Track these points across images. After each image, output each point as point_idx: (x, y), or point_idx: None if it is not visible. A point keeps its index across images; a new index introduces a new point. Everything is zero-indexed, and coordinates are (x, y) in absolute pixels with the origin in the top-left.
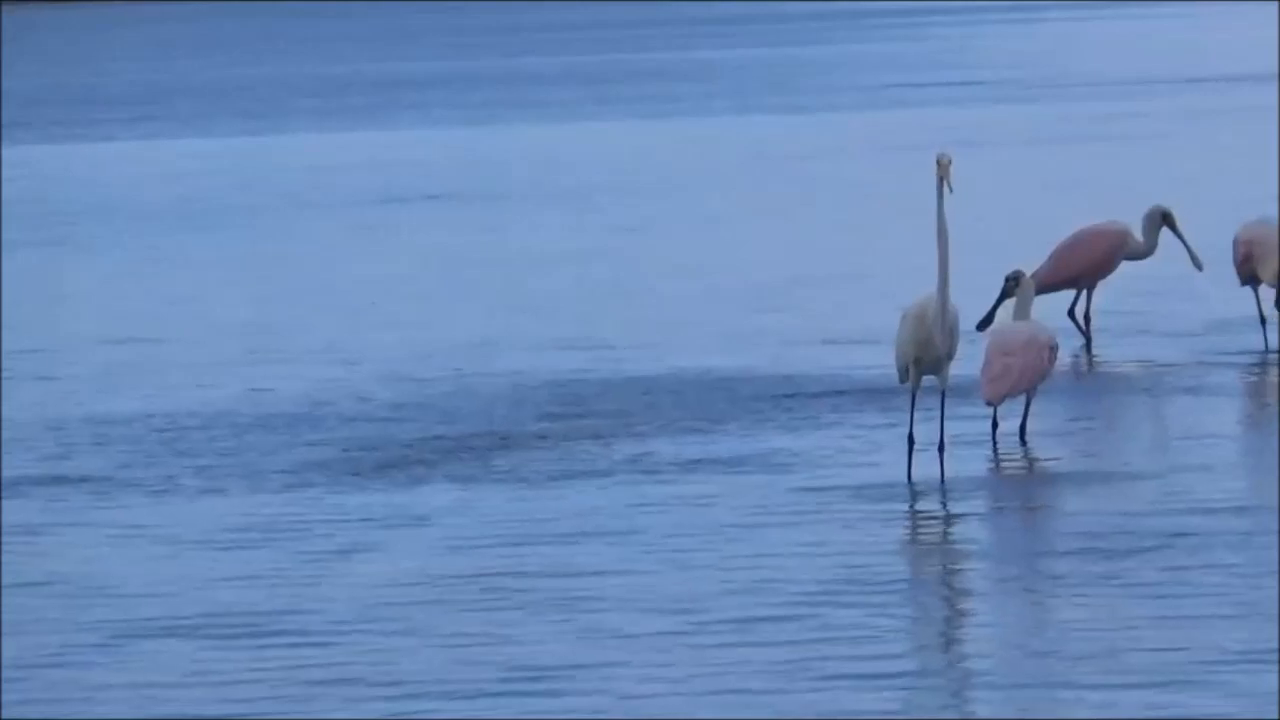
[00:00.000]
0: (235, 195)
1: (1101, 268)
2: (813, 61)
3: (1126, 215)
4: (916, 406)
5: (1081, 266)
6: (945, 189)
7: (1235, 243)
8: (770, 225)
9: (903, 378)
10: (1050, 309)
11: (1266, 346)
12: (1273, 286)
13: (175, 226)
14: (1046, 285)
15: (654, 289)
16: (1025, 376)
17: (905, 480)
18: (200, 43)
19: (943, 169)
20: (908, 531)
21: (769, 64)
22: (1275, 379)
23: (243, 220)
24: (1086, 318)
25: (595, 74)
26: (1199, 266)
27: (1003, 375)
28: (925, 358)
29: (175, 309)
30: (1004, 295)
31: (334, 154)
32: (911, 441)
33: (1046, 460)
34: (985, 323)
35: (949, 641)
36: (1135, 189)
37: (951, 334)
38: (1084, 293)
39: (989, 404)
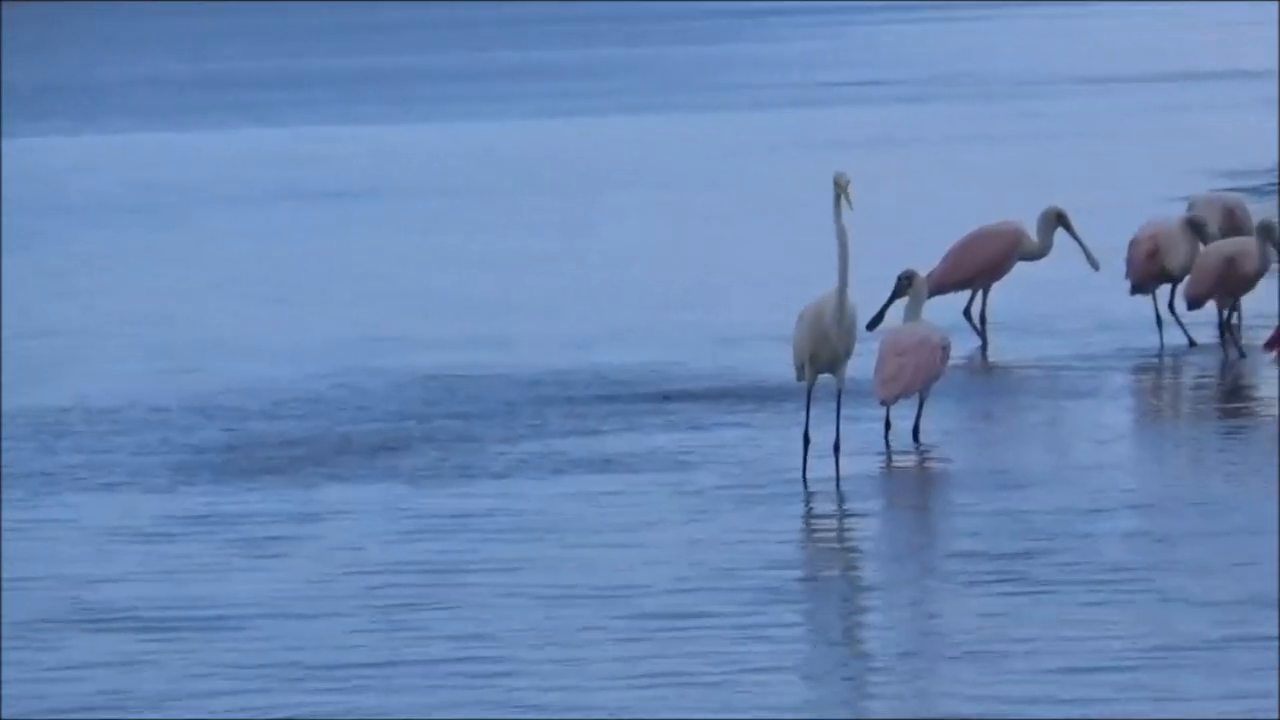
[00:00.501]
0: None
1: (996, 268)
2: (727, 59)
3: (1030, 215)
4: (813, 406)
5: (976, 267)
6: (844, 206)
7: (1134, 243)
8: (676, 224)
9: (800, 376)
10: (944, 310)
11: (1161, 348)
12: (1180, 277)
13: (79, 223)
14: (942, 286)
15: (552, 287)
16: (918, 376)
17: (800, 480)
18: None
19: (840, 188)
20: (803, 531)
21: (681, 62)
22: (1168, 380)
23: (139, 216)
24: (982, 318)
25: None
26: (1095, 266)
27: (896, 375)
28: (822, 355)
29: (66, 304)
30: (895, 294)
31: (234, 150)
32: (807, 440)
33: (939, 460)
34: (875, 322)
35: (843, 641)
36: (1042, 188)
37: (849, 333)
38: (979, 293)
39: (883, 404)
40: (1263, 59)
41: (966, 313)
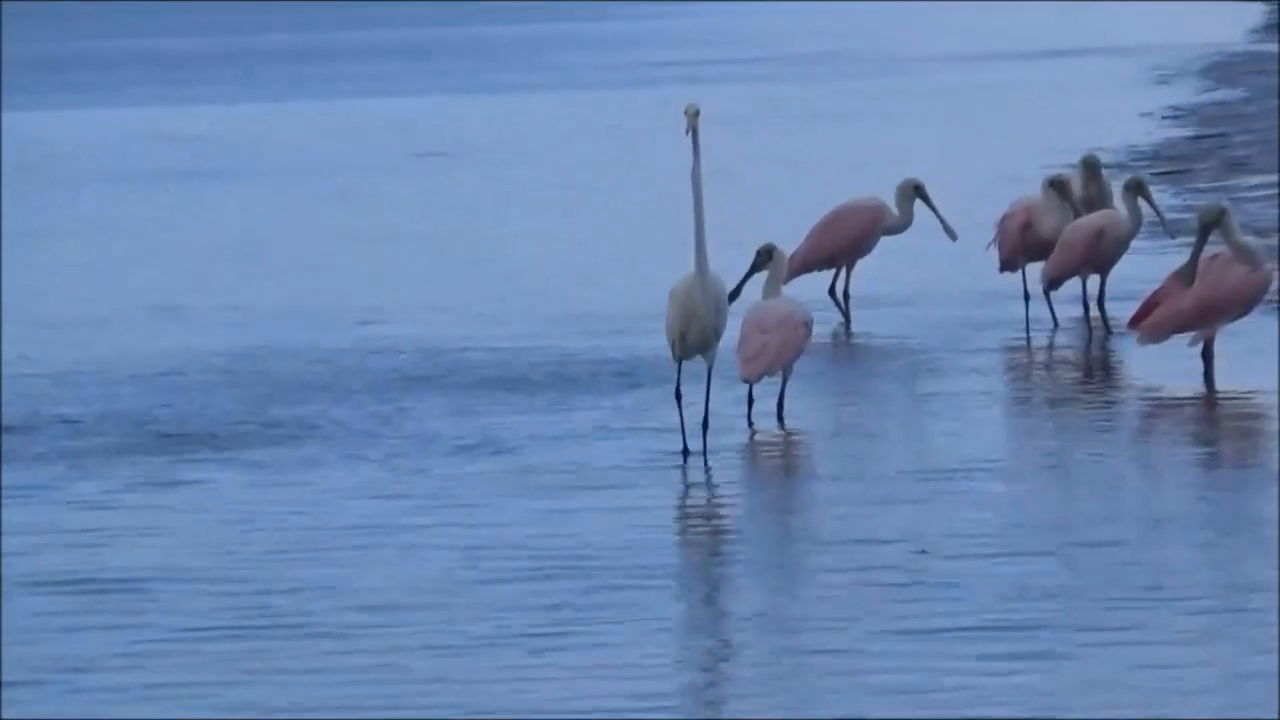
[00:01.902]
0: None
1: (860, 244)
2: (575, 37)
3: (889, 190)
4: (683, 381)
5: (839, 244)
6: (697, 140)
7: (1006, 218)
8: (530, 208)
9: (674, 354)
10: (808, 287)
11: (1028, 323)
12: (1052, 239)
13: None
14: (807, 264)
15: (405, 267)
16: (782, 354)
17: (672, 457)
18: None
19: (690, 118)
20: (667, 513)
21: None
22: (1034, 357)
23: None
24: (845, 295)
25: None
26: (953, 237)
27: (760, 353)
28: (691, 332)
29: None
30: (754, 268)
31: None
32: (683, 419)
33: (803, 438)
34: (733, 295)
35: (700, 630)
36: (902, 165)
37: (717, 306)
38: (843, 270)
39: (746, 381)
40: (1137, 36)
41: (831, 290)
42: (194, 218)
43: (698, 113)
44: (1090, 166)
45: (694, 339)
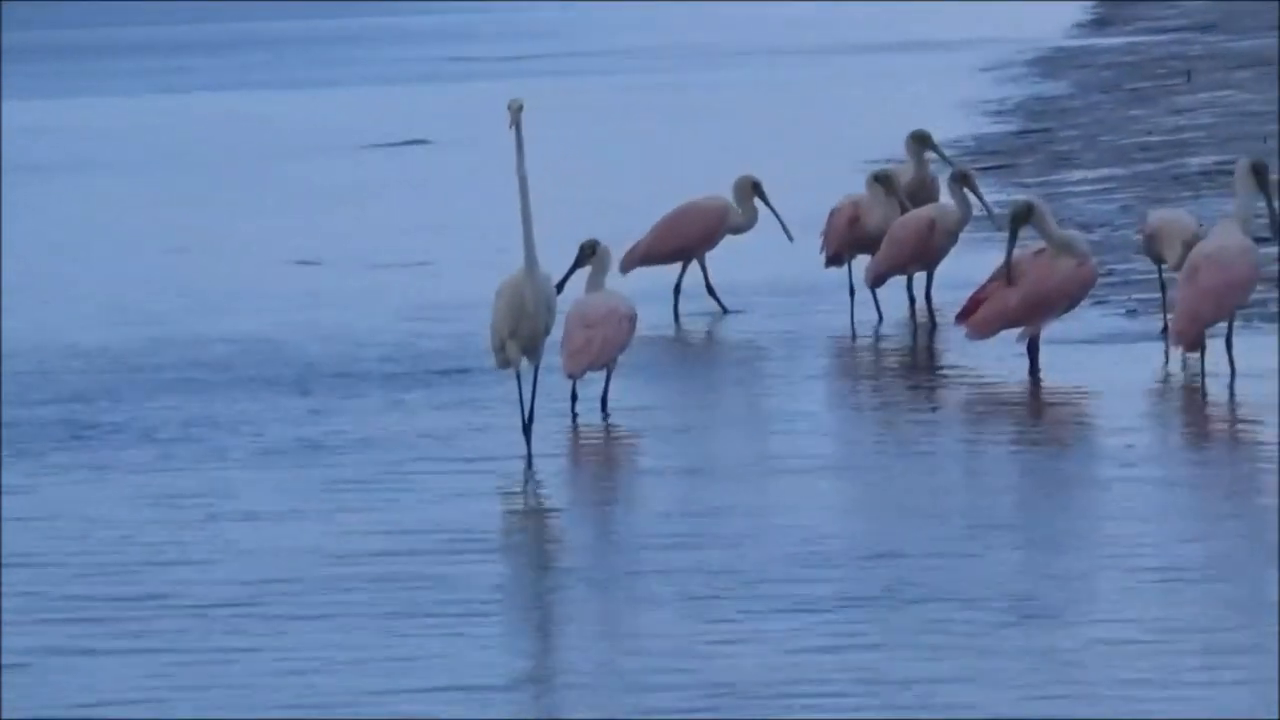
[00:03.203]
0: None
1: (703, 241)
2: (362, 33)
3: (716, 186)
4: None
5: (683, 240)
6: (520, 135)
7: (834, 212)
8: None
9: (498, 355)
10: (651, 284)
11: (853, 318)
12: (879, 234)
13: None
14: (648, 258)
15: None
16: (607, 349)
17: (503, 457)
18: None
19: (514, 113)
20: (490, 512)
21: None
22: (861, 351)
23: None
24: (677, 289)
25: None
26: (790, 237)
27: (584, 348)
28: (521, 331)
29: None
30: (577, 264)
31: None
32: (526, 420)
33: (628, 434)
34: (557, 290)
35: (523, 635)
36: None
37: (547, 305)
38: (688, 267)
39: (570, 377)
40: (962, 31)
41: (678, 288)
42: None
43: (521, 107)
44: (920, 140)
45: (523, 339)
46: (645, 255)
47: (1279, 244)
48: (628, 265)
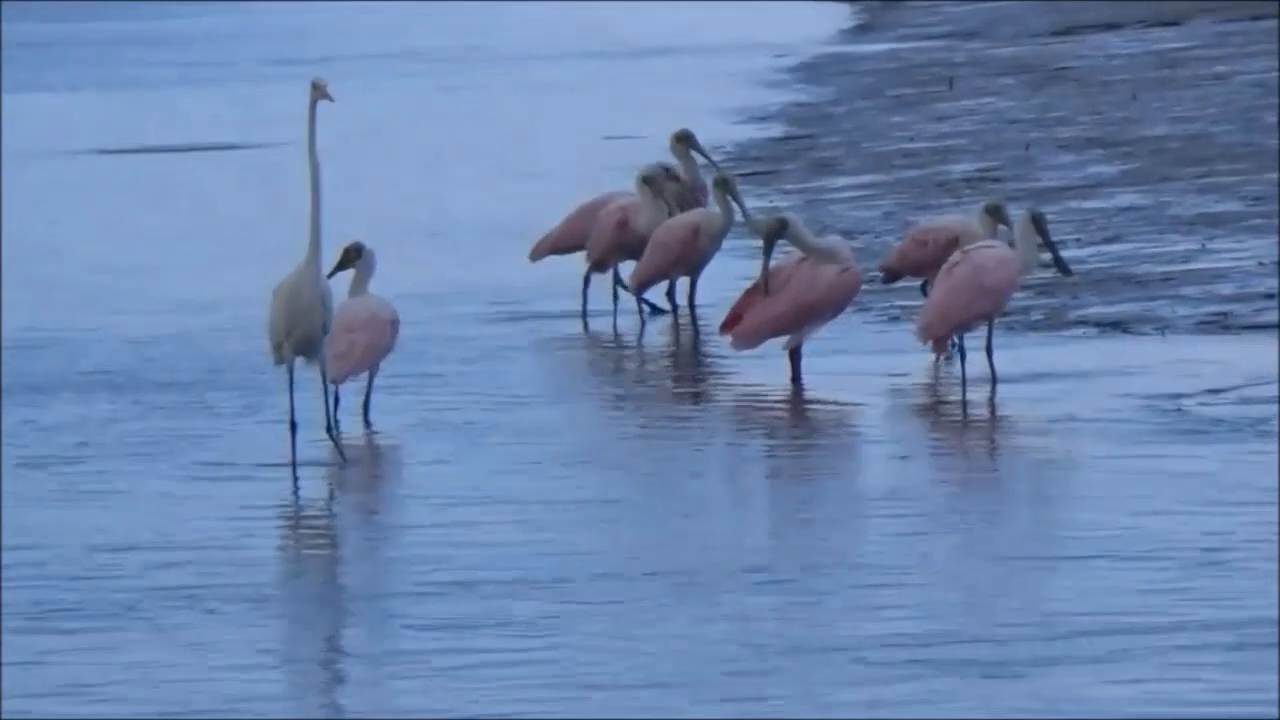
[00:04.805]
0: None
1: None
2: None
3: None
4: (295, 388)
5: (587, 233)
6: (315, 113)
7: (602, 215)
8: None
9: (277, 358)
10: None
11: (615, 323)
12: (647, 236)
13: None
14: (555, 249)
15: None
16: (369, 353)
17: (281, 465)
18: None
19: (318, 90)
20: (264, 523)
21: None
22: (625, 358)
23: None
24: (585, 279)
25: None
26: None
27: (347, 353)
28: (298, 332)
29: None
30: (341, 266)
31: None
32: (295, 426)
33: (389, 441)
34: None
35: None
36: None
37: (323, 303)
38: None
39: (333, 382)
40: (726, 35)
41: (586, 280)
42: None
43: (324, 86)
44: (683, 140)
45: (300, 339)
46: (553, 246)
47: (1068, 280)
48: (538, 254)
